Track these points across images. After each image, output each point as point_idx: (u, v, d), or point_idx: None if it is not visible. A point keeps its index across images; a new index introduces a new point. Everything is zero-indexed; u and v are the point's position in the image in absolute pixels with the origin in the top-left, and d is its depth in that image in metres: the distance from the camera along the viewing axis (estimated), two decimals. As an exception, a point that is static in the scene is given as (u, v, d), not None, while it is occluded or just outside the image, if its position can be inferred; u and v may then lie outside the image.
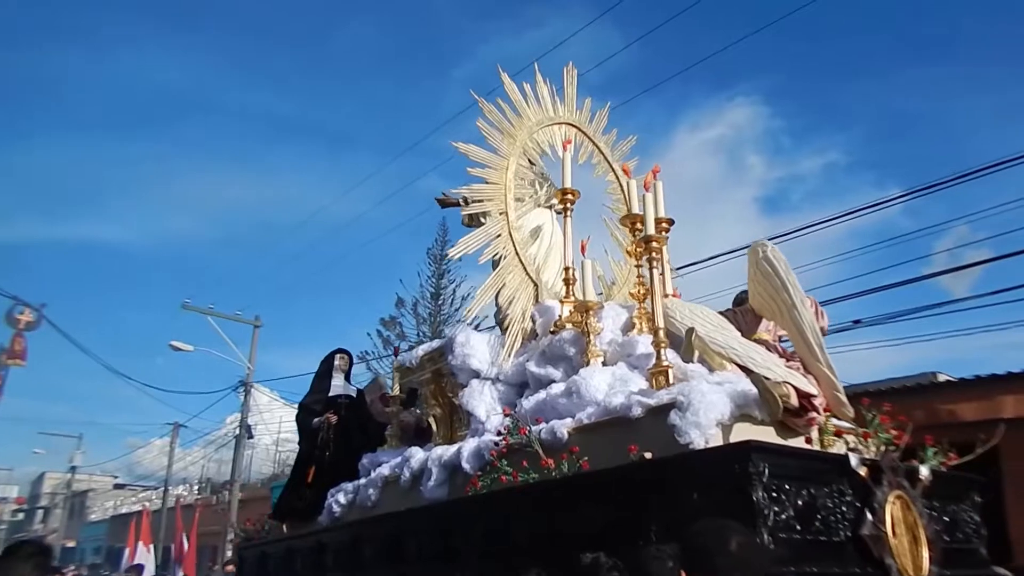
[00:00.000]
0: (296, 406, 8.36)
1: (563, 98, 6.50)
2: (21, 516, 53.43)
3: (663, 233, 5.78)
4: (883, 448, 3.92)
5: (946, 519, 4.16)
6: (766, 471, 3.33)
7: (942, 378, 12.05)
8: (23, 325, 19.17)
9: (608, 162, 6.66)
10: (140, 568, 17.93)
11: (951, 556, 3.96)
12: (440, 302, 21.64)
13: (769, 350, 4.62)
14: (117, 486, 42.73)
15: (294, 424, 7.95)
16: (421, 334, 22.65)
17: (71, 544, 40.98)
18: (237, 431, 21.88)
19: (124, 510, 37.56)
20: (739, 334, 4.68)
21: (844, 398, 4.23)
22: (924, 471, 3.95)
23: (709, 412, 3.75)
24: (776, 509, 3.32)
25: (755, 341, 4.75)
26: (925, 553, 3.72)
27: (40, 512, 51.77)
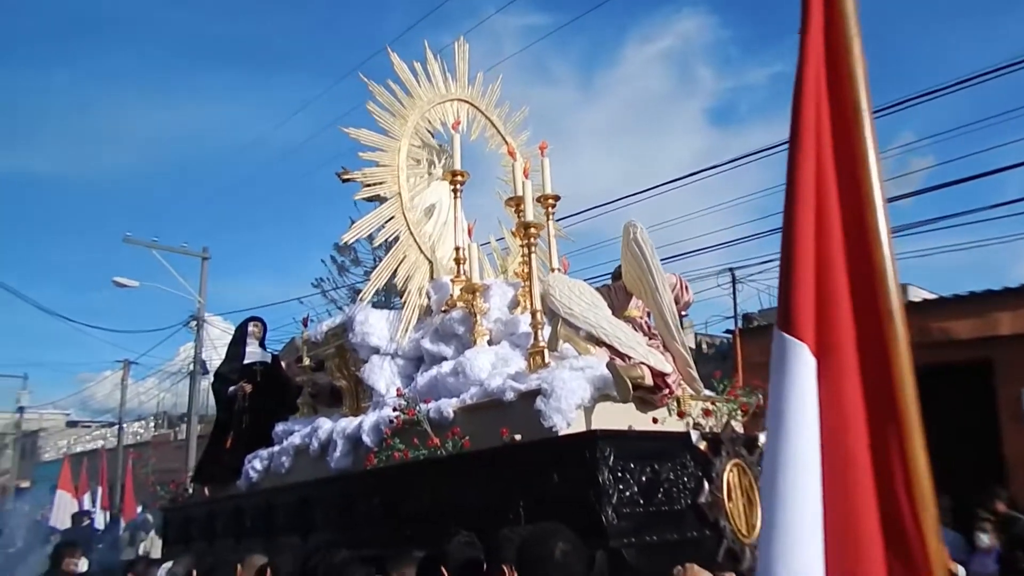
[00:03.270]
0: None
1: (455, 74, 6.66)
2: (-32, 456, 52.72)
3: (550, 208, 6.13)
4: (725, 420, 4.42)
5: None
6: (611, 455, 3.79)
7: (912, 290, 12.64)
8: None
9: (501, 135, 6.89)
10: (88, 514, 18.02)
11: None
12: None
13: (636, 328, 5.05)
14: (70, 423, 42.04)
15: None
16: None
17: (25, 484, 40.37)
18: (191, 366, 21.58)
19: (79, 448, 36.91)
20: (610, 313, 5.08)
21: (695, 374, 4.72)
22: (762, 438, 4.47)
23: (570, 398, 4.18)
24: (621, 487, 3.80)
25: (625, 317, 5.17)
26: (759, 513, 4.27)
27: (-11, 453, 51.02)
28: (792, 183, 1.57)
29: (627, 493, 3.81)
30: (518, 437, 4.26)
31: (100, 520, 17.42)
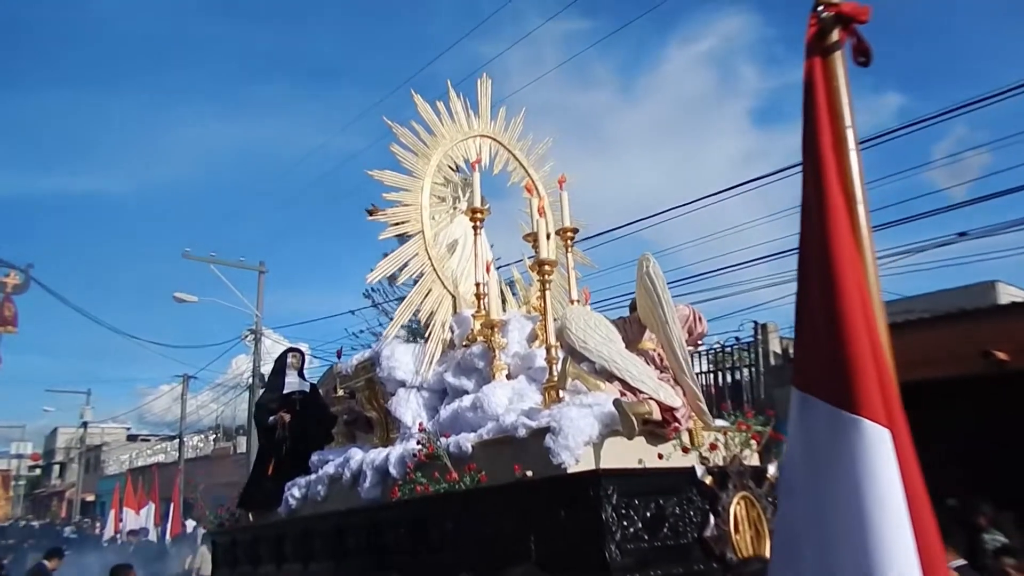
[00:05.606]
0: None
1: (478, 110, 6.87)
2: (38, 472, 54.90)
3: (569, 242, 6.29)
4: (733, 455, 4.50)
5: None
6: (615, 492, 3.91)
7: (1001, 287, 12.41)
8: (10, 289, 18.25)
9: (524, 168, 7.07)
10: (145, 531, 18.69)
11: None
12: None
13: (648, 361, 5.16)
14: (130, 437, 43.23)
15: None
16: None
17: (90, 498, 41.82)
18: (245, 377, 21.84)
19: (140, 462, 38.04)
20: (623, 346, 5.20)
21: (704, 407, 4.80)
22: (771, 470, 4.54)
23: (578, 435, 4.32)
24: (625, 524, 3.92)
25: (639, 350, 5.28)
26: (768, 543, 4.34)
27: (56, 467, 52.99)
28: (828, 246, 1.64)
29: (631, 529, 3.93)
30: (529, 473, 4.41)
31: (153, 535, 18.10)
